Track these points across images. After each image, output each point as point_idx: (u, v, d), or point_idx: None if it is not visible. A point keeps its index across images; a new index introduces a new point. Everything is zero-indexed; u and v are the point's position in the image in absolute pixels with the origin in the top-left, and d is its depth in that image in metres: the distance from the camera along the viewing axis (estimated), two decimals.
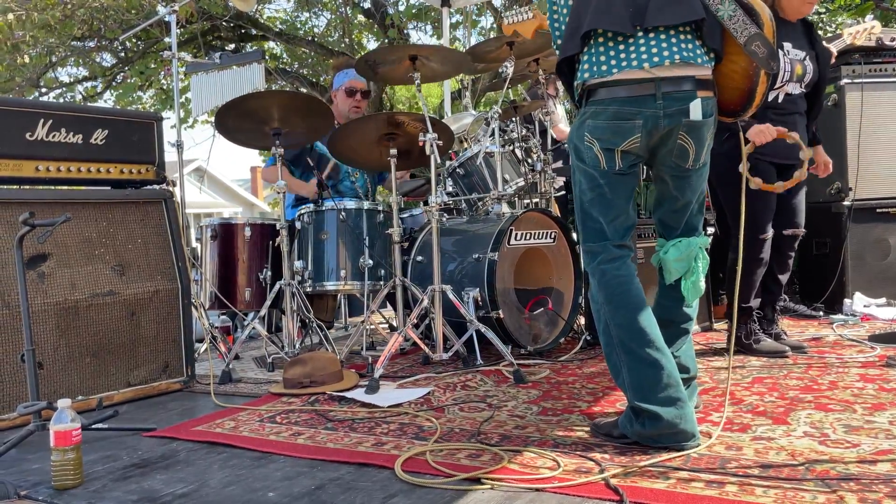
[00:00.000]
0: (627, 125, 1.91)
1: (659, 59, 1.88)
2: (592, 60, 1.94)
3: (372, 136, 3.28)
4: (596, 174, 1.99)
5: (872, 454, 1.78)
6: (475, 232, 3.45)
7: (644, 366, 1.92)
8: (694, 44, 1.92)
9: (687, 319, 2.11)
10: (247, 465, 1.95)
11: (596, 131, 1.94)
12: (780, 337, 3.16)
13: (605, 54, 1.93)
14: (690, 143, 1.96)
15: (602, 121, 1.93)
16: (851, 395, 2.34)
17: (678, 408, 1.88)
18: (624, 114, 1.90)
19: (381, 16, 9.83)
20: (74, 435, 1.84)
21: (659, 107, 1.89)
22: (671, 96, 1.89)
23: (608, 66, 1.91)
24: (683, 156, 1.98)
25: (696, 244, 2.07)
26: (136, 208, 2.88)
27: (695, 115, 1.90)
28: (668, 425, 1.86)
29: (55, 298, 2.57)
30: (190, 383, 2.94)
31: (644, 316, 1.95)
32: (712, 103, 1.97)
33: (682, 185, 2.04)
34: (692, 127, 1.93)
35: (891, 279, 4.01)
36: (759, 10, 1.89)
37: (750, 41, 1.85)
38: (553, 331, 3.44)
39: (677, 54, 1.89)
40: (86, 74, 10.94)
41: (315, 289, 3.41)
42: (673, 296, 2.11)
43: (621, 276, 1.98)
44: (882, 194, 4.00)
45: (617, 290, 1.97)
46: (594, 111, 1.95)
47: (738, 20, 1.86)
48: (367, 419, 2.34)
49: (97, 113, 2.85)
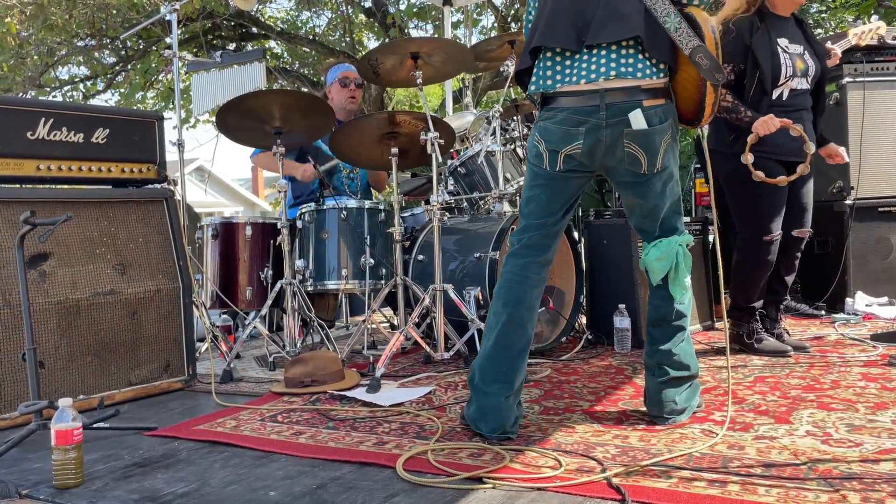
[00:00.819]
0: (573, 131, 2.01)
1: (596, 75, 1.98)
2: (539, 74, 2.07)
3: (373, 135, 3.28)
4: (538, 172, 2.11)
5: (875, 453, 1.77)
6: (476, 231, 3.44)
7: (485, 357, 2.09)
8: (636, 58, 1.98)
9: (680, 317, 2.13)
10: (248, 465, 1.95)
11: (545, 133, 2.06)
12: (781, 337, 3.14)
13: (551, 69, 2.05)
14: (639, 151, 2.01)
15: (552, 124, 2.05)
16: (853, 395, 2.34)
17: (489, 401, 2.05)
18: (571, 121, 2.01)
19: (382, 15, 9.82)
20: (76, 434, 1.83)
21: (601, 117, 1.98)
22: (614, 107, 1.98)
23: (553, 80, 2.04)
24: (635, 164, 2.03)
25: (676, 242, 2.11)
26: (137, 207, 2.87)
27: (636, 124, 1.97)
28: (480, 412, 2.06)
29: (56, 297, 2.57)
30: (191, 382, 2.94)
31: (514, 313, 2.09)
32: (662, 110, 2.00)
33: (644, 190, 2.09)
34: (637, 136, 1.99)
35: (892, 278, 4.00)
36: (702, 23, 1.96)
37: (694, 53, 1.91)
38: (554, 330, 3.44)
39: (614, 70, 1.97)
40: (87, 73, 10.94)
41: (316, 288, 3.41)
42: (662, 294, 2.14)
43: (516, 276, 2.12)
44: (884, 193, 3.99)
45: (507, 284, 2.13)
46: (547, 115, 2.07)
47: (683, 32, 1.92)
48: (368, 418, 2.34)
49: (98, 112, 2.85)
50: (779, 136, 2.81)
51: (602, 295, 3.52)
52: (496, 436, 2.03)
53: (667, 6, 1.94)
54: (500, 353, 2.08)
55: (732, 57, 2.90)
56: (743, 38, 2.89)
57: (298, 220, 3.49)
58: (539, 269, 2.14)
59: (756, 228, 2.95)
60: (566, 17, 2.01)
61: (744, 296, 3.06)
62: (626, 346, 3.27)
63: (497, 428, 2.03)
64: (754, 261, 2.98)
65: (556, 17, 2.02)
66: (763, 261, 2.98)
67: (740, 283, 3.06)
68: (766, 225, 2.93)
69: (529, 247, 2.13)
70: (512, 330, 2.09)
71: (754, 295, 3.04)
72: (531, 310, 2.13)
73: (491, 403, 2.05)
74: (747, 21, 2.92)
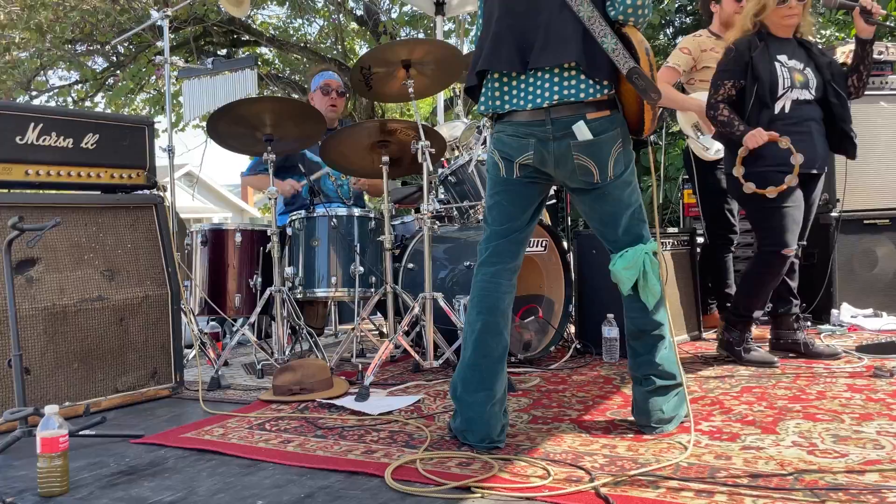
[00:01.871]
0: (523, 142, 2.09)
1: (541, 99, 2.05)
2: (487, 95, 2.14)
3: (364, 143, 3.28)
4: (496, 180, 2.17)
5: (860, 464, 1.79)
6: (466, 239, 3.45)
7: (465, 367, 2.11)
8: (578, 79, 2.04)
9: (657, 326, 2.14)
10: (235, 473, 1.94)
11: (498, 143, 2.15)
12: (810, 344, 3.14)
13: (498, 90, 2.12)
14: (589, 161, 2.06)
15: (505, 136, 2.13)
16: (839, 405, 2.36)
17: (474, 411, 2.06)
18: (520, 132, 2.09)
19: (374, 23, 9.85)
20: (61, 441, 1.82)
21: (548, 131, 2.05)
22: (559, 121, 2.04)
23: (501, 101, 2.12)
24: (587, 174, 2.08)
25: (643, 251, 2.13)
26: (126, 213, 2.86)
27: (581, 135, 2.03)
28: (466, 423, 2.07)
29: (43, 303, 2.56)
30: (178, 390, 2.92)
31: (490, 320, 2.12)
32: (607, 121, 2.06)
33: (601, 197, 2.13)
34: (584, 146, 2.04)
35: (878, 290, 4.04)
36: (637, 45, 2.01)
37: (630, 74, 1.97)
38: (543, 339, 3.44)
39: (557, 94, 2.04)
40: (77, 78, 10.90)
41: (305, 295, 3.41)
42: (636, 306, 2.16)
43: (489, 284, 2.15)
44: (869, 206, 4.04)
45: (480, 292, 2.16)
46: (500, 128, 2.15)
47: (620, 53, 1.98)
48: (356, 427, 2.33)
49: (88, 117, 2.84)
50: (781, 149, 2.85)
51: (591, 305, 3.53)
52: (484, 445, 2.03)
53: (603, 27, 1.98)
54: (480, 361, 2.10)
55: (733, 74, 2.98)
56: (743, 56, 2.96)
57: (288, 228, 3.49)
58: (510, 276, 2.18)
59: (774, 242, 2.94)
60: (509, 39, 2.06)
61: (746, 304, 3.07)
62: (614, 356, 3.28)
63: (484, 438, 2.04)
64: (768, 273, 2.98)
65: (499, 41, 2.07)
66: (777, 274, 2.99)
67: (748, 291, 3.07)
68: (784, 238, 2.93)
69: (498, 254, 2.17)
70: (489, 337, 2.11)
71: (757, 305, 3.06)
72: (506, 316, 2.15)
73: (476, 413, 2.06)
74: (746, 41, 2.99)
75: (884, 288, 4.05)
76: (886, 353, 3.07)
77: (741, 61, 2.97)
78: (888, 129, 4.01)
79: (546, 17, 2.03)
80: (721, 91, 3.01)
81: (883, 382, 2.65)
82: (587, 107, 2.03)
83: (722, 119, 2.97)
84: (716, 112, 3.00)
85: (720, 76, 3.03)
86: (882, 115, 4.04)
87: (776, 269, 2.97)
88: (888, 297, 4.03)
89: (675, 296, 3.67)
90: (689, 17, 9.34)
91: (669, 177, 7.30)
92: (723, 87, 3.01)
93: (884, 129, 4.04)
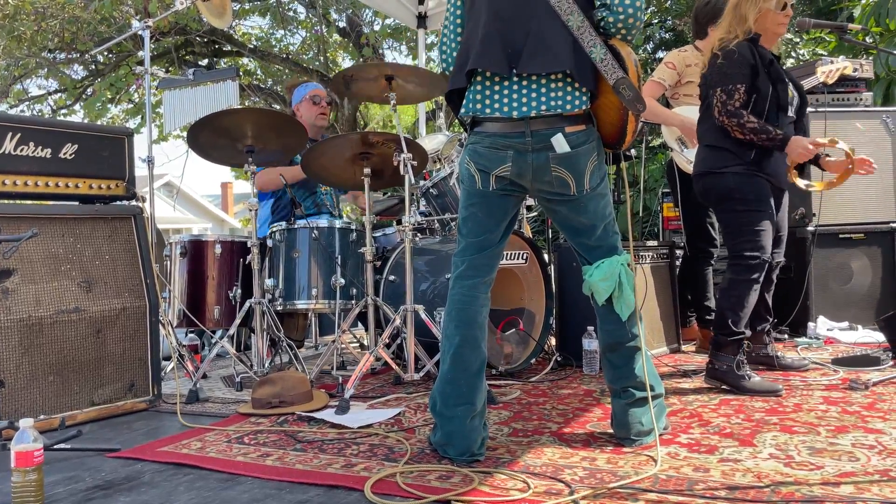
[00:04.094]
0: (501, 153, 2.08)
1: (527, 108, 2.05)
2: (471, 98, 2.13)
3: (346, 155, 3.28)
4: (471, 192, 2.16)
5: (836, 476, 1.81)
6: (448, 252, 3.46)
7: (444, 381, 2.11)
8: (565, 90, 2.06)
9: (633, 338, 2.16)
10: (213, 487, 1.92)
11: (474, 155, 2.13)
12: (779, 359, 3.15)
13: (482, 93, 2.11)
14: (566, 173, 2.08)
15: (481, 147, 2.11)
16: (815, 418, 2.38)
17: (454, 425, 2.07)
18: (498, 144, 2.09)
19: (357, 35, 9.87)
20: (36, 456, 1.79)
21: (527, 143, 2.06)
22: (539, 133, 2.05)
23: (483, 104, 2.10)
24: (563, 185, 2.10)
25: (618, 262, 2.16)
26: (104, 224, 2.84)
27: (559, 148, 2.05)
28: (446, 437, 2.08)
29: (19, 315, 2.52)
30: (156, 402, 2.89)
31: (468, 334, 2.12)
32: (584, 134, 2.08)
33: (576, 208, 2.14)
34: (562, 158, 2.06)
35: (853, 303, 4.11)
36: (626, 57, 2.03)
37: (618, 84, 1.98)
38: (524, 351, 3.45)
39: (544, 105, 2.05)
40: (56, 87, 10.80)
41: (286, 307, 3.39)
42: (612, 318, 2.17)
43: (465, 297, 2.16)
44: (844, 220, 4.11)
45: (458, 306, 2.16)
46: (475, 139, 2.13)
47: (608, 63, 1.99)
48: (336, 440, 2.32)
49: (67, 127, 2.82)
50: (780, 165, 2.87)
51: (572, 317, 3.55)
52: (464, 458, 2.03)
53: (593, 37, 2.00)
54: (459, 376, 2.10)
55: (743, 77, 2.83)
56: (748, 59, 2.83)
57: (269, 239, 3.47)
58: (486, 289, 2.19)
59: (754, 248, 2.85)
60: (498, 41, 2.06)
61: (734, 319, 2.86)
62: (594, 368, 3.30)
63: (465, 451, 2.04)
64: (749, 281, 2.86)
65: (489, 42, 2.07)
66: (757, 281, 2.88)
67: (733, 305, 2.88)
68: (764, 244, 2.86)
69: (475, 267, 2.17)
70: (468, 351, 2.11)
71: (744, 318, 2.88)
72: (483, 329, 2.16)
73: (456, 428, 2.06)
74: (746, 45, 2.86)
75: (859, 301, 4.11)
76: (862, 366, 3.11)
77: (747, 64, 2.83)
78: (864, 145, 4.09)
79: (536, 24, 2.04)
80: (736, 97, 2.82)
81: (858, 395, 2.69)
82: (565, 120, 2.05)
83: (752, 126, 2.78)
84: (741, 119, 2.80)
85: (730, 79, 2.84)
86: (857, 131, 4.12)
87: (757, 276, 2.87)
88: (863, 310, 4.09)
89: (654, 309, 3.69)
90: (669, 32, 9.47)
91: (648, 188, 7.38)
92: (737, 91, 2.83)
93: (859, 144, 4.11)
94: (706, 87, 2.98)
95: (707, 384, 2.92)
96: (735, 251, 2.92)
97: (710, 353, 2.93)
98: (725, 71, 2.86)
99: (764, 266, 2.89)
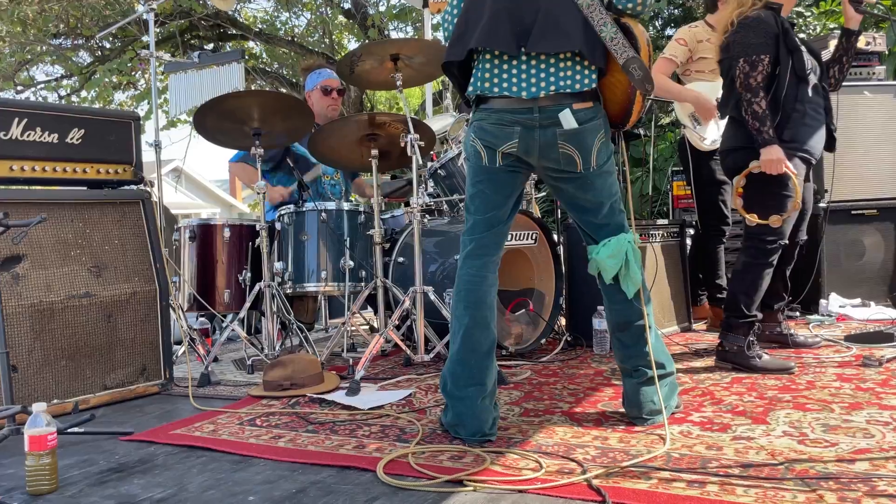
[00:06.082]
0: (507, 130, 2.06)
1: (536, 89, 2.03)
2: (478, 76, 2.10)
3: (353, 137, 3.27)
4: (478, 169, 2.14)
5: (850, 453, 1.80)
6: (457, 233, 3.44)
7: (454, 362, 2.11)
8: (574, 69, 2.04)
9: (641, 316, 2.15)
10: (226, 469, 1.93)
11: (480, 132, 2.10)
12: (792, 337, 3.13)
13: (490, 72, 2.08)
14: (573, 149, 2.06)
15: (487, 124, 2.09)
16: (829, 395, 2.37)
17: (465, 406, 2.06)
18: (505, 121, 2.06)
19: (362, 16, 9.79)
20: (50, 439, 1.80)
21: (535, 119, 2.03)
22: (547, 109, 2.03)
23: (491, 83, 2.07)
24: (570, 162, 2.08)
25: (625, 240, 2.14)
26: (113, 209, 2.83)
27: (567, 124, 2.02)
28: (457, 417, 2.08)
29: (30, 300, 2.53)
30: (168, 386, 2.90)
31: (477, 315, 2.11)
32: (591, 111, 2.06)
33: (583, 186, 2.13)
34: (570, 135, 2.04)
35: (865, 280, 4.07)
36: (638, 35, 2.01)
37: (628, 63, 1.95)
38: (534, 332, 3.45)
39: (553, 85, 2.03)
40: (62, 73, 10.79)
41: (295, 290, 3.39)
42: (619, 298, 2.16)
43: (475, 278, 2.14)
44: (857, 196, 4.06)
45: (467, 287, 2.14)
46: (481, 115, 2.11)
47: (619, 42, 1.96)
48: (348, 421, 2.33)
49: (73, 112, 2.81)
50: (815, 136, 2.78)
51: (581, 297, 3.54)
52: (476, 439, 2.03)
53: (603, 15, 1.98)
54: (469, 356, 2.10)
55: (767, 47, 2.71)
56: (772, 27, 2.73)
57: (277, 222, 3.47)
58: (494, 269, 2.18)
59: (773, 231, 2.78)
60: (506, 19, 2.03)
61: (747, 303, 2.82)
62: (604, 348, 3.29)
63: (476, 432, 2.04)
64: (764, 265, 2.82)
65: (497, 20, 2.04)
66: (772, 265, 2.82)
67: (746, 289, 2.83)
68: (784, 228, 2.79)
69: (485, 246, 2.16)
70: (478, 331, 2.10)
71: (757, 301, 2.84)
72: (493, 309, 2.15)
73: (467, 408, 2.06)
74: (770, 14, 2.77)
75: (871, 278, 4.08)
76: (875, 343, 3.09)
77: (772, 34, 2.72)
78: (876, 120, 4.03)
79: (546, 2, 2.01)
80: (759, 69, 2.69)
81: (872, 372, 2.67)
82: (572, 98, 2.03)
83: (756, 110, 2.69)
84: (754, 97, 2.69)
85: (754, 49, 2.71)
86: (870, 106, 4.06)
87: (773, 258, 2.82)
88: (876, 287, 4.06)
89: (665, 288, 3.68)
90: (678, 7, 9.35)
91: (658, 168, 7.32)
92: (760, 63, 2.70)
93: (872, 119, 4.05)
94: (728, 60, 2.83)
95: (718, 365, 2.89)
96: (753, 232, 2.84)
97: (720, 334, 2.90)
98: (750, 41, 2.73)
99: (779, 250, 2.85)
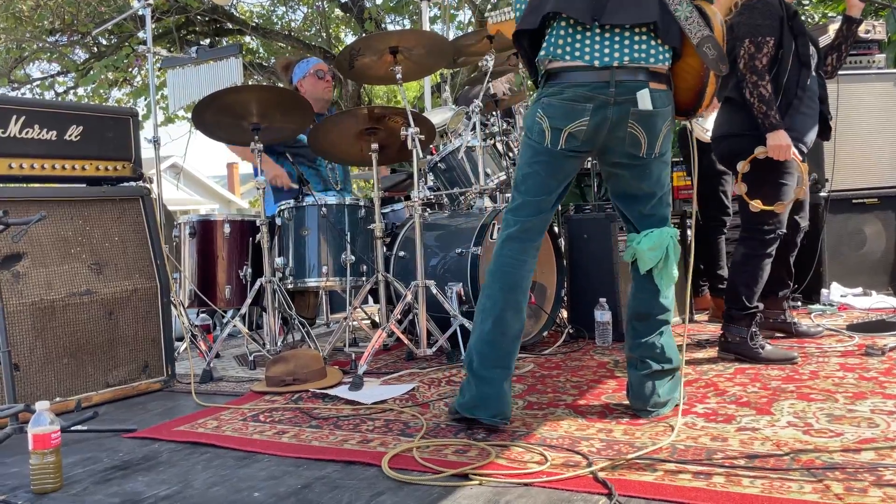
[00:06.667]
0: (579, 107, 1.99)
1: (609, 59, 1.98)
2: (551, 41, 2.04)
3: (352, 131, 3.25)
4: (538, 149, 2.08)
5: (856, 443, 1.80)
6: (458, 226, 3.43)
7: (484, 342, 2.07)
8: (649, 44, 2.00)
9: (664, 310, 2.15)
10: (231, 465, 1.92)
11: (548, 109, 2.04)
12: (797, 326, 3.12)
13: (563, 38, 2.02)
14: (641, 132, 2.03)
15: (556, 100, 2.02)
16: (832, 385, 2.37)
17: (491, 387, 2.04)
18: (578, 96, 1.99)
19: (359, 10, 9.76)
20: (53, 438, 1.80)
21: (610, 94, 1.98)
22: (624, 84, 1.98)
23: (563, 50, 2.01)
24: (635, 144, 2.05)
25: (668, 234, 2.14)
26: (112, 206, 2.82)
27: (643, 104, 1.98)
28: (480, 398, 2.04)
29: (31, 298, 2.52)
30: (170, 383, 2.90)
31: (512, 298, 2.08)
32: (665, 96, 2.04)
33: (641, 173, 2.10)
34: (642, 116, 2.00)
35: (866, 269, 4.06)
36: (711, 16, 1.99)
37: (702, 42, 1.94)
38: (536, 324, 3.44)
39: (627, 56, 1.98)
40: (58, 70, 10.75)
41: (296, 285, 3.39)
42: (648, 288, 2.15)
43: (515, 261, 2.10)
44: (857, 185, 4.05)
45: (505, 268, 2.09)
46: (551, 91, 2.04)
47: (694, 21, 1.95)
48: (351, 416, 2.32)
49: (72, 109, 2.80)
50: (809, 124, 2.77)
51: (583, 289, 3.53)
52: (497, 420, 2.02)
53: None
54: (500, 339, 2.07)
55: (772, 29, 2.70)
56: (777, 10, 2.73)
57: (278, 218, 3.45)
58: (535, 254, 2.14)
59: (771, 220, 2.77)
60: None
61: (748, 295, 2.80)
62: (606, 340, 3.28)
63: (497, 413, 2.03)
64: (763, 256, 2.80)
65: None
66: (771, 255, 2.82)
67: (746, 281, 2.81)
68: (782, 217, 2.78)
69: (528, 230, 2.11)
70: (511, 315, 2.08)
71: (758, 294, 2.82)
72: (526, 294, 2.12)
73: (492, 390, 2.05)
74: None
75: (873, 267, 4.07)
76: (877, 332, 3.09)
77: (776, 16, 2.71)
78: (876, 108, 4.02)
79: None
80: (764, 51, 2.67)
81: (875, 361, 2.66)
82: (650, 76, 1.99)
83: (763, 94, 2.65)
84: (759, 80, 2.67)
85: (760, 31, 2.69)
86: (870, 94, 4.05)
87: (772, 248, 2.81)
88: (877, 276, 4.06)
89: None
90: None
91: None
92: (765, 45, 2.68)
93: (872, 107, 4.04)
94: (732, 41, 2.75)
95: (720, 356, 2.87)
96: (751, 222, 2.82)
97: (722, 326, 2.89)
98: (756, 22, 2.71)
99: (778, 239, 2.83)
